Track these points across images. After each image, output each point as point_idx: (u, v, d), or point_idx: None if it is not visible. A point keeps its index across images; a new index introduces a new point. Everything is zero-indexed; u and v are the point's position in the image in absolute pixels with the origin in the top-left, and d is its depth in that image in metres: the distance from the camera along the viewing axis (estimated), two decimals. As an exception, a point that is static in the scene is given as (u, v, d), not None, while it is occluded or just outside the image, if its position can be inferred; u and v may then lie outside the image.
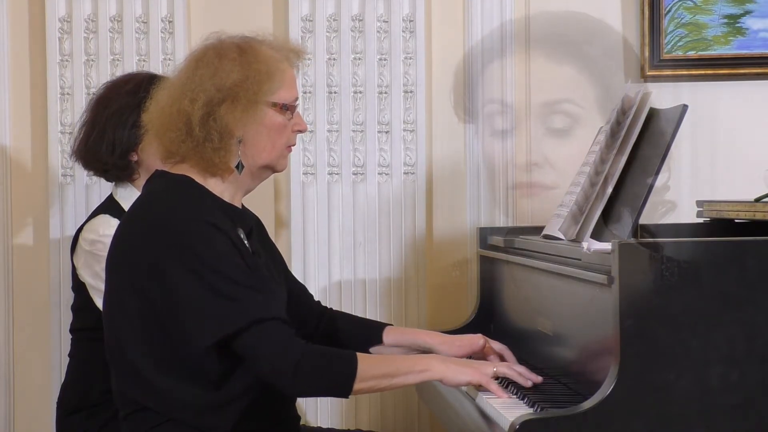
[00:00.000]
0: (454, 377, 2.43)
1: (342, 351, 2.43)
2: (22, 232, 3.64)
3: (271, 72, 2.46)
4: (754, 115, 3.59)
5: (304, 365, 2.32)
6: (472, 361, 2.56)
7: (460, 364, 2.46)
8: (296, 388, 2.37)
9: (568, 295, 2.57)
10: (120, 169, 3.03)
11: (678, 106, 2.61)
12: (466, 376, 2.44)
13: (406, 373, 2.40)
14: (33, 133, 3.63)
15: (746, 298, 2.23)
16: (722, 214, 2.94)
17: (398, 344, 2.75)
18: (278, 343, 2.33)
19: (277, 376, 2.34)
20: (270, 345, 2.32)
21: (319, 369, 2.35)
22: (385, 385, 2.40)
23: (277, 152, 2.50)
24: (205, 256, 2.34)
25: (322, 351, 2.39)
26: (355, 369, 2.34)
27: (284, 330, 2.35)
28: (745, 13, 3.56)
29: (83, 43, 3.58)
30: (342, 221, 3.56)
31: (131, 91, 3.01)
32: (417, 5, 3.55)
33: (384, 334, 2.74)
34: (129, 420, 2.45)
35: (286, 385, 2.35)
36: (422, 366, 2.42)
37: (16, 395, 3.64)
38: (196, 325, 2.34)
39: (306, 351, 2.34)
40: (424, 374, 2.42)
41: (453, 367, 2.44)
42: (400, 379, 2.40)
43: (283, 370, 2.32)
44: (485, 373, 2.45)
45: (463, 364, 2.48)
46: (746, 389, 2.22)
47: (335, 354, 2.40)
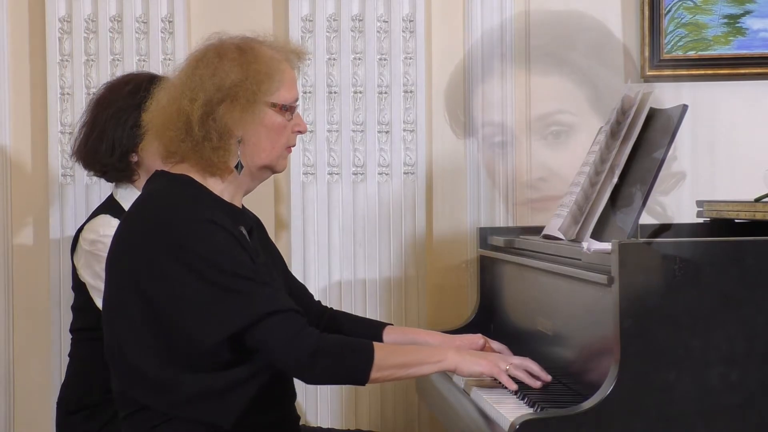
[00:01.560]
0: (468, 368, 2.46)
1: (358, 340, 2.45)
2: (22, 232, 3.64)
3: (270, 72, 2.46)
4: (754, 115, 3.59)
5: (321, 354, 2.34)
6: (487, 354, 2.58)
7: (475, 356, 2.50)
8: (315, 377, 2.40)
9: (568, 295, 2.57)
10: (119, 170, 3.03)
11: (678, 106, 2.61)
12: (480, 366, 2.47)
13: (421, 363, 2.43)
14: (33, 133, 3.63)
15: (746, 298, 2.23)
16: (722, 214, 2.94)
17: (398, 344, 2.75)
18: (293, 334, 2.34)
19: (295, 367, 2.36)
20: (285, 336, 2.34)
21: (336, 358, 2.37)
22: (401, 374, 2.43)
23: (276, 152, 2.50)
24: (207, 254, 2.34)
25: (338, 340, 2.42)
26: (372, 358, 2.37)
27: (298, 320, 2.37)
28: (745, 13, 3.56)
29: (83, 43, 3.58)
30: (342, 221, 3.56)
31: (131, 92, 3.01)
32: (417, 5, 3.55)
33: (384, 333, 2.75)
34: (129, 420, 2.45)
35: (305, 374, 2.38)
36: (438, 356, 2.45)
37: (16, 395, 3.64)
38: (202, 322, 2.34)
39: (322, 340, 2.36)
40: (440, 364, 2.45)
41: (468, 358, 2.47)
42: (416, 369, 2.43)
43: (301, 360, 2.34)
44: (498, 365, 2.48)
45: (478, 355, 2.51)
46: (746, 389, 2.22)
47: (352, 343, 2.42)
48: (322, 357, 2.35)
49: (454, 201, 3.60)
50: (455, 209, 3.60)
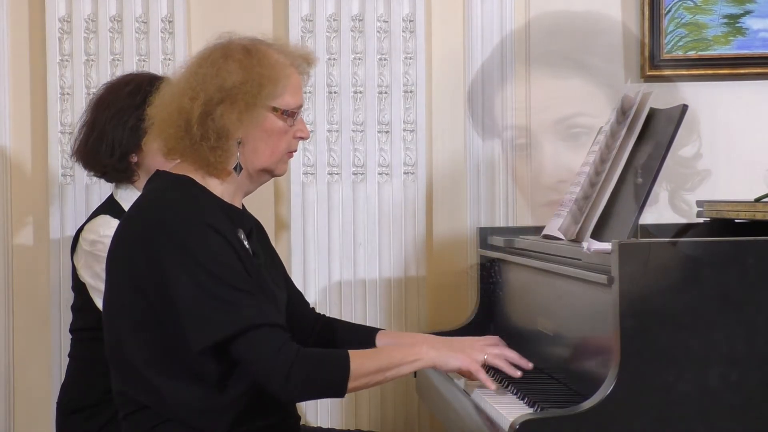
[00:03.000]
0: (445, 364, 2.49)
1: (334, 351, 2.45)
2: (22, 232, 3.64)
3: (274, 76, 2.45)
4: (754, 115, 3.59)
5: (296, 371, 2.32)
6: (465, 346, 2.58)
7: (451, 349, 2.52)
8: (290, 393, 2.36)
9: (568, 295, 2.57)
10: (119, 170, 3.03)
11: (678, 106, 2.61)
12: (458, 361, 2.49)
13: (398, 364, 2.42)
14: (33, 133, 3.63)
15: (746, 298, 2.23)
16: (722, 214, 2.94)
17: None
18: (272, 349, 2.32)
19: (269, 382, 2.34)
20: (263, 351, 2.32)
21: (312, 373, 2.35)
22: (379, 379, 2.42)
23: (276, 157, 2.50)
24: (201, 258, 2.33)
25: (314, 354, 2.39)
26: (348, 369, 2.35)
27: (279, 335, 2.35)
28: (745, 13, 3.56)
29: (83, 43, 3.58)
30: (342, 221, 3.56)
31: (131, 93, 3.00)
32: (417, 5, 3.55)
33: (377, 338, 2.73)
34: (129, 420, 2.45)
35: (279, 391, 2.35)
36: (413, 356, 2.45)
37: (16, 395, 3.63)
38: (191, 327, 2.33)
39: (299, 356, 2.33)
40: (416, 363, 2.45)
41: (444, 353, 2.49)
42: (394, 371, 2.42)
43: (276, 376, 2.32)
44: (475, 359, 2.50)
45: (454, 348, 2.53)
46: (746, 389, 2.22)
47: (327, 356, 2.41)
48: (298, 373, 2.32)
49: (455, 201, 3.60)
50: (455, 209, 3.60)
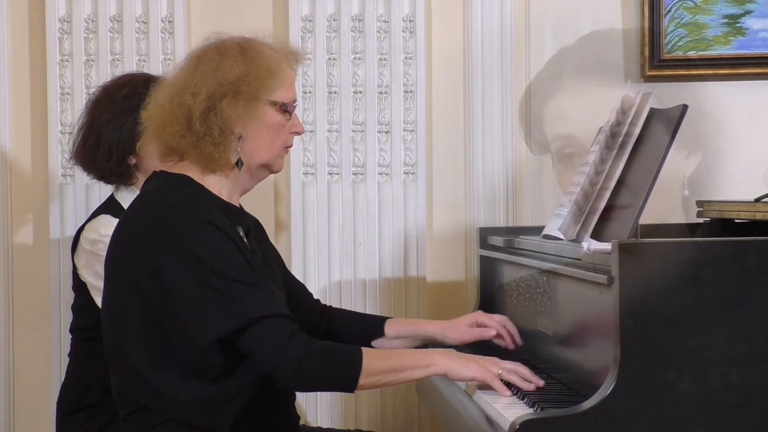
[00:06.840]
0: (458, 372, 2.44)
1: (347, 346, 2.43)
2: (22, 232, 3.64)
3: (272, 70, 2.47)
4: (754, 115, 3.59)
5: (307, 362, 2.32)
6: (479, 357, 2.54)
7: (465, 359, 2.48)
8: (300, 384, 2.38)
9: (568, 295, 2.57)
10: (117, 174, 3.02)
11: (678, 106, 2.61)
12: (471, 371, 2.45)
13: (411, 367, 2.41)
14: (33, 133, 3.63)
15: (746, 298, 2.23)
16: (722, 214, 2.94)
17: (401, 335, 2.76)
18: (281, 340, 2.33)
19: (280, 373, 2.34)
20: (272, 342, 2.32)
21: (323, 365, 2.35)
22: (390, 380, 2.40)
23: (274, 151, 2.50)
24: (203, 254, 2.34)
25: (326, 346, 2.40)
26: (360, 364, 2.35)
27: (287, 326, 2.35)
28: (745, 13, 3.56)
29: (83, 43, 3.58)
30: (342, 221, 3.56)
31: (126, 96, 3.00)
32: (417, 5, 3.55)
33: (386, 326, 2.75)
34: (129, 420, 2.45)
35: (289, 381, 2.36)
36: (427, 361, 2.43)
37: (16, 395, 3.64)
38: (195, 324, 2.33)
39: (309, 347, 2.34)
40: (429, 369, 2.43)
41: (458, 362, 2.45)
42: (406, 374, 2.41)
43: (286, 367, 2.32)
44: (489, 370, 2.46)
45: (468, 359, 2.49)
46: (746, 389, 2.22)
47: (340, 349, 2.40)
48: (308, 364, 2.32)
49: (454, 201, 3.60)
50: (455, 209, 3.60)
